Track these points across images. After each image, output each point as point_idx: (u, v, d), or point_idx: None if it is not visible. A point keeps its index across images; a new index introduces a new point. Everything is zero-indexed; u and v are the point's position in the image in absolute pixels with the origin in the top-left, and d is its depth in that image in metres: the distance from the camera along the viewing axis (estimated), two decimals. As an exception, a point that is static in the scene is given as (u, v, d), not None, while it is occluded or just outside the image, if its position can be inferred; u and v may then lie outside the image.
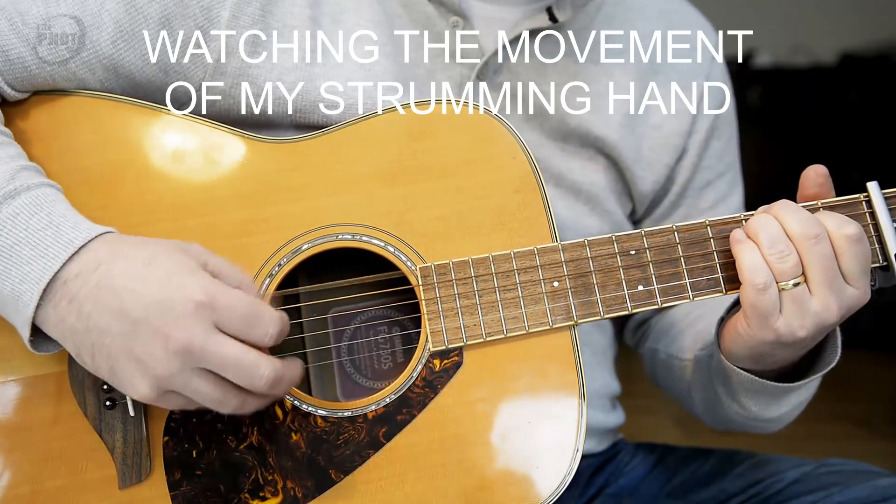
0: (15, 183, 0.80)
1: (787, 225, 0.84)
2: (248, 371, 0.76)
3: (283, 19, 0.94)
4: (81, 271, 0.77)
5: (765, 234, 0.84)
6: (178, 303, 0.75)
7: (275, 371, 0.77)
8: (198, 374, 0.76)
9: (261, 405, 0.80)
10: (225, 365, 0.75)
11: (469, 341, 0.86)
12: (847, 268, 0.83)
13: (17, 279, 0.77)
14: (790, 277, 0.83)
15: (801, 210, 0.85)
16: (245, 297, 0.77)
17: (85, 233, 0.79)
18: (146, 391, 0.76)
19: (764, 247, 0.83)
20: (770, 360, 0.89)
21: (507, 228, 0.89)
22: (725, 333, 0.91)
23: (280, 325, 0.78)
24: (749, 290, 0.83)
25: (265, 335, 0.77)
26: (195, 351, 0.74)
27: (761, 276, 0.83)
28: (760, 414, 0.97)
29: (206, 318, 0.75)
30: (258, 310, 0.77)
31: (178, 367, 0.75)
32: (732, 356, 0.91)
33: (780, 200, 0.87)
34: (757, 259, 0.83)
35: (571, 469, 0.85)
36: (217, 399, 0.77)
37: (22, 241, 0.78)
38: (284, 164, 0.90)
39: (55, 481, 0.83)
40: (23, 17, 0.88)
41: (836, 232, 0.83)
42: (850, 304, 0.85)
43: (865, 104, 3.57)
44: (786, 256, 0.83)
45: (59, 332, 0.78)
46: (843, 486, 0.99)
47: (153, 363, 0.75)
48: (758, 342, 0.86)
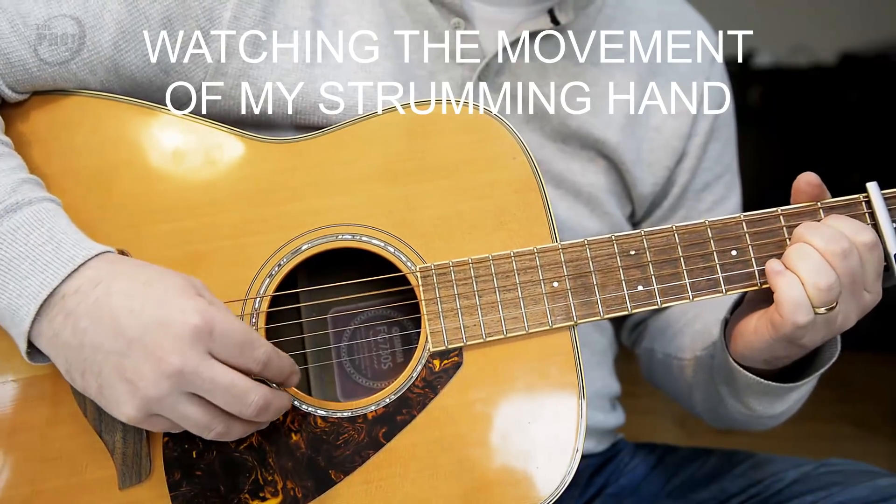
0: (16, 196, 0.80)
1: (815, 245, 0.83)
2: (238, 397, 0.76)
3: (285, 20, 0.95)
4: (81, 287, 0.77)
5: (806, 268, 0.82)
6: (176, 325, 0.75)
7: (264, 398, 0.77)
8: (186, 398, 0.76)
9: (244, 432, 0.80)
10: (215, 390, 0.76)
11: (469, 342, 0.86)
12: (866, 275, 0.84)
13: (15, 293, 0.77)
14: (830, 304, 0.82)
15: (824, 227, 0.84)
16: (240, 324, 0.78)
17: (86, 250, 0.79)
18: (132, 412, 0.76)
19: (807, 281, 0.81)
20: (782, 362, 0.90)
21: (507, 229, 0.89)
22: (738, 339, 0.90)
23: (270, 353, 0.78)
24: (790, 325, 0.82)
25: (256, 362, 0.77)
26: (188, 375, 0.74)
27: (804, 316, 0.81)
28: (764, 412, 0.97)
29: (202, 343, 0.75)
30: (250, 337, 0.78)
31: (168, 389, 0.75)
32: (745, 359, 0.91)
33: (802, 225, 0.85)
34: (800, 296, 0.82)
35: (571, 469, 0.85)
36: (203, 424, 0.77)
37: (21, 256, 0.78)
38: (284, 165, 0.90)
39: (55, 482, 0.83)
40: (24, 19, 0.88)
41: (854, 240, 0.83)
42: (866, 308, 0.86)
43: (865, 104, 3.57)
44: (832, 286, 0.81)
45: (52, 347, 0.78)
46: (844, 486, 0.99)
47: (143, 384, 0.75)
48: (779, 350, 0.87)
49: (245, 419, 0.78)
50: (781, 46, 3.77)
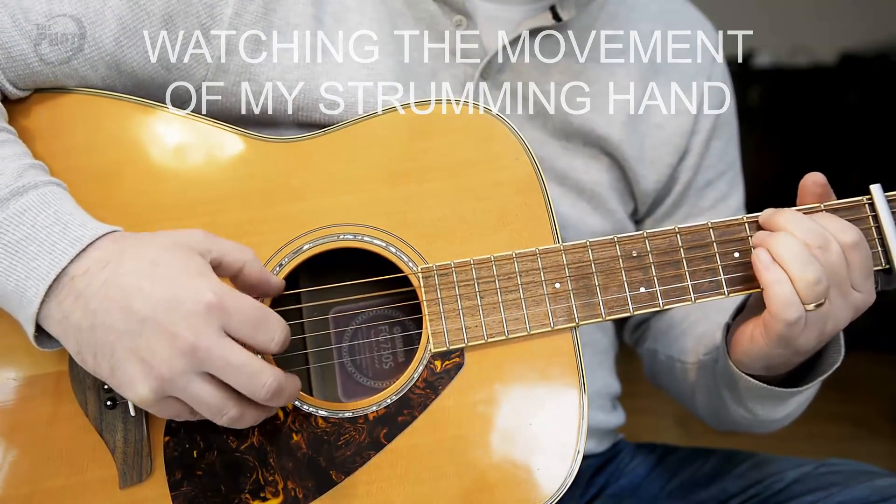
0: (23, 180, 0.80)
1: (797, 235, 0.83)
2: (252, 377, 0.75)
3: (286, 18, 0.94)
4: (90, 268, 0.76)
5: (794, 260, 0.82)
6: (188, 302, 0.74)
7: (277, 380, 0.76)
8: (200, 377, 0.75)
9: (257, 419, 0.79)
10: (229, 369, 0.75)
11: (470, 342, 0.86)
12: (852, 273, 0.84)
13: (23, 275, 0.77)
14: (820, 300, 0.82)
15: (806, 220, 0.84)
16: (253, 301, 0.77)
17: (93, 231, 0.78)
18: (146, 393, 0.75)
19: (796, 279, 0.82)
20: (782, 367, 0.90)
21: (508, 229, 0.89)
22: (737, 345, 0.90)
23: (286, 332, 0.78)
24: (780, 323, 0.82)
25: (271, 340, 0.77)
26: (201, 352, 0.74)
27: (794, 313, 0.82)
28: (766, 416, 0.97)
29: (215, 320, 0.74)
30: (266, 314, 0.77)
31: (182, 368, 0.74)
32: (744, 365, 0.91)
33: (783, 213, 0.86)
34: (789, 293, 0.82)
35: (573, 470, 0.84)
36: (216, 406, 0.76)
37: (29, 238, 0.77)
38: (286, 164, 0.90)
39: (56, 481, 0.83)
40: (26, 14, 0.88)
41: (838, 239, 0.83)
42: (858, 307, 0.85)
43: (865, 104, 3.57)
44: (819, 280, 0.81)
45: (62, 329, 0.77)
46: (844, 486, 0.99)
47: (157, 363, 0.74)
48: (776, 356, 0.87)
49: (258, 404, 0.78)
50: (781, 46, 3.77)
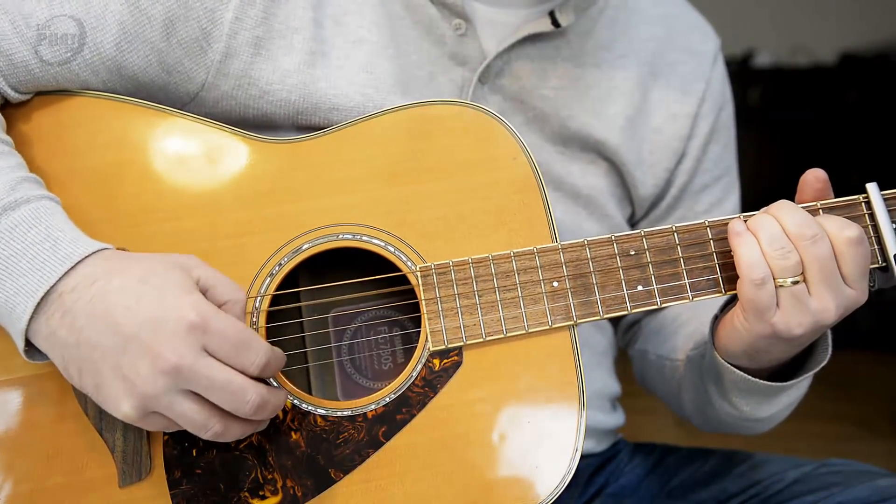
0: (15, 195, 0.80)
1: (786, 225, 0.84)
2: (235, 395, 0.76)
3: (286, 22, 0.95)
4: (77, 285, 0.77)
5: (765, 232, 0.83)
6: (171, 321, 0.74)
7: (261, 396, 0.77)
8: (183, 395, 0.76)
9: (242, 433, 0.80)
10: (212, 388, 0.75)
11: (469, 341, 0.87)
12: (847, 269, 0.83)
13: (12, 291, 0.77)
14: (790, 275, 0.82)
15: (799, 210, 0.85)
16: (237, 323, 0.77)
17: (83, 248, 0.79)
18: (129, 411, 0.76)
19: (764, 243, 0.83)
20: (765, 358, 0.89)
21: (507, 229, 0.89)
22: (721, 330, 0.91)
23: (269, 356, 0.78)
24: (747, 284, 0.83)
25: (251, 364, 0.77)
26: (185, 371, 0.74)
27: (759, 272, 0.82)
28: (751, 414, 0.97)
29: (197, 340, 0.75)
30: (248, 337, 0.77)
31: (165, 386, 0.74)
32: (727, 353, 0.91)
33: (779, 201, 0.87)
34: (755, 253, 0.83)
35: (571, 469, 0.85)
36: (200, 422, 0.77)
37: (19, 254, 0.78)
38: (285, 165, 0.90)
39: (55, 480, 0.83)
40: (26, 20, 0.88)
41: (838, 234, 0.83)
42: (848, 305, 0.85)
43: (865, 104, 3.57)
44: (787, 254, 0.82)
45: (49, 345, 0.78)
46: (844, 486, 0.99)
47: (140, 381, 0.74)
48: (754, 337, 0.86)
49: (242, 418, 0.78)
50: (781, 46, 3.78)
